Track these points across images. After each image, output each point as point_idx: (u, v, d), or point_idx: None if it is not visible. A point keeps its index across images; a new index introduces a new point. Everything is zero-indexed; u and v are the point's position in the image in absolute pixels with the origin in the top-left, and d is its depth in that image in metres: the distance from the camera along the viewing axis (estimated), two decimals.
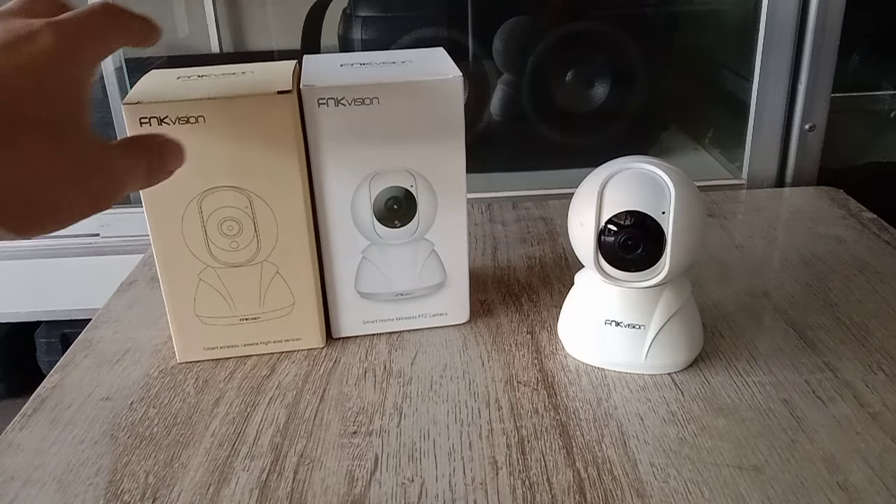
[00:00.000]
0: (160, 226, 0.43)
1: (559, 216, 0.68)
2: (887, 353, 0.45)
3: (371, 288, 0.47)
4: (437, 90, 0.43)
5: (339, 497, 0.36)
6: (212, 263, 0.44)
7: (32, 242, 0.85)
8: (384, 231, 0.46)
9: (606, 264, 0.42)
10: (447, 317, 0.49)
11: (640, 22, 0.83)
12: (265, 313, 0.46)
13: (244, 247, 0.44)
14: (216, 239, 0.43)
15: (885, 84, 0.93)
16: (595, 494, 0.35)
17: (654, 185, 0.41)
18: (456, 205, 0.46)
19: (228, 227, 0.43)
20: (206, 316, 0.45)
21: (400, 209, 0.45)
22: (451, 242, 0.47)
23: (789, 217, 0.67)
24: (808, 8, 0.70)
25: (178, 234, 0.43)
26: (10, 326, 1.07)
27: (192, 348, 0.46)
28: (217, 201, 0.42)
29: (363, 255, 0.46)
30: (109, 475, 0.38)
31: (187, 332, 0.46)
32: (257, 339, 0.47)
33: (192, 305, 0.45)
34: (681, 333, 0.43)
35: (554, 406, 0.42)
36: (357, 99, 0.42)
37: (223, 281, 0.45)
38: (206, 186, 0.42)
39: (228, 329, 0.46)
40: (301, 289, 0.46)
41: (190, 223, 0.43)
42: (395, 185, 0.44)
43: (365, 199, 0.44)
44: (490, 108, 0.84)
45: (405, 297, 0.48)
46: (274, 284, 0.45)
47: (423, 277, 0.47)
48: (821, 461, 0.37)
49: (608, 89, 0.83)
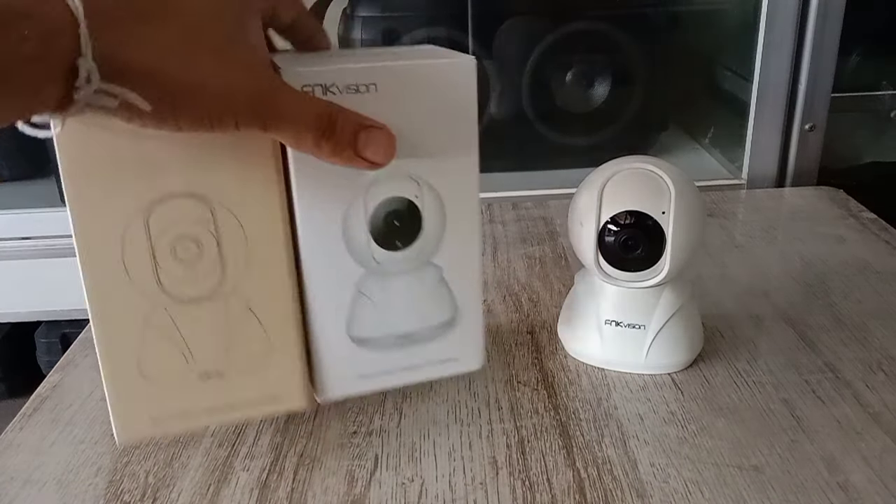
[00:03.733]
0: (93, 251, 0.32)
1: (559, 216, 0.68)
2: (887, 353, 0.45)
3: (367, 331, 0.37)
4: (446, 75, 0.35)
5: (339, 497, 0.36)
6: (161, 301, 0.34)
7: (32, 242, 0.85)
8: (383, 255, 0.36)
9: (606, 264, 0.42)
10: (458, 363, 0.39)
11: (640, 22, 0.83)
12: (232, 366, 0.35)
13: (205, 275, 0.34)
14: (168, 266, 0.33)
15: (885, 84, 0.93)
16: (595, 494, 0.35)
17: (654, 185, 0.41)
18: (467, 218, 0.37)
19: (184, 249, 0.33)
20: (155, 375, 0.34)
21: (402, 226, 0.36)
22: (462, 266, 0.38)
23: (789, 217, 0.67)
24: (808, 8, 0.70)
25: (117, 263, 0.33)
26: (10, 326, 1.07)
27: (135, 422, 0.35)
28: (170, 214, 0.33)
29: (357, 287, 0.36)
30: (109, 475, 0.38)
31: (129, 400, 0.34)
32: (222, 401, 0.36)
33: (136, 362, 0.34)
34: (681, 333, 0.43)
35: (554, 406, 0.42)
36: (351, 86, 0.33)
37: (177, 323, 0.34)
38: (155, 195, 0.32)
39: (184, 391, 0.35)
40: (279, 329, 0.36)
41: (133, 246, 0.33)
42: (396, 195, 0.36)
43: (359, 215, 0.35)
44: (490, 108, 0.84)
45: (408, 341, 0.38)
46: (243, 325, 0.35)
47: (430, 313, 0.38)
48: (821, 461, 0.37)
49: (608, 89, 0.83)
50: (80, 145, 0.31)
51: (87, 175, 0.32)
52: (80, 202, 0.32)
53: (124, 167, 0.32)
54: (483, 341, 0.40)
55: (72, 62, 0.24)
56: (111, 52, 0.25)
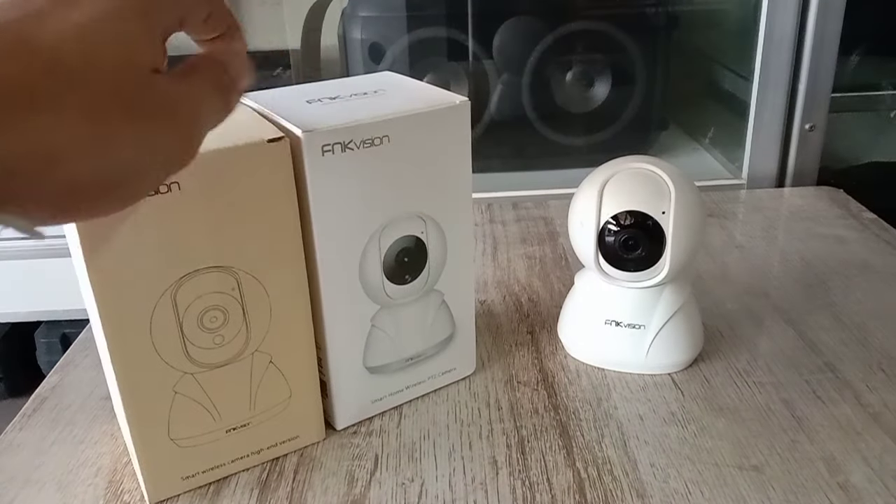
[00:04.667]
0: (122, 334, 0.32)
1: (559, 216, 0.68)
2: (887, 353, 0.45)
3: (381, 359, 0.40)
4: (447, 119, 0.38)
5: (339, 497, 0.36)
6: (190, 370, 0.34)
7: (32, 242, 0.85)
8: (395, 290, 0.39)
9: (606, 264, 0.42)
10: (455, 372, 0.44)
11: (640, 22, 0.83)
12: (257, 416, 0.37)
13: (230, 340, 0.35)
14: (196, 337, 0.34)
15: (885, 84, 0.93)
16: (595, 494, 0.35)
17: (654, 185, 0.41)
18: (464, 244, 0.41)
19: (211, 319, 0.34)
20: (185, 437, 0.35)
21: (410, 261, 0.39)
22: (459, 288, 0.42)
23: (789, 217, 0.67)
24: (808, 8, 0.70)
25: (145, 341, 0.33)
26: (10, 326, 1.07)
27: (167, 482, 0.36)
28: (196, 288, 0.33)
29: (372, 322, 0.39)
30: (109, 475, 0.38)
31: (160, 463, 0.35)
32: (247, 450, 0.38)
33: (166, 428, 0.35)
34: (681, 333, 0.43)
35: (554, 406, 0.42)
36: (366, 140, 0.35)
37: (205, 388, 0.35)
38: (182, 272, 0.33)
39: (212, 447, 0.36)
40: (299, 376, 0.38)
41: (161, 323, 0.33)
42: (406, 234, 0.38)
43: (374, 256, 0.38)
44: (490, 108, 0.84)
45: (414, 362, 0.42)
46: (267, 378, 0.37)
47: (434, 334, 0.42)
48: (821, 461, 0.37)
49: (608, 89, 0.83)
50: (101, 237, 0.31)
51: (111, 265, 0.31)
52: (105, 289, 0.32)
53: (150, 251, 0.32)
54: (475, 350, 0.44)
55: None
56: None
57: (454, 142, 0.38)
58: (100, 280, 0.31)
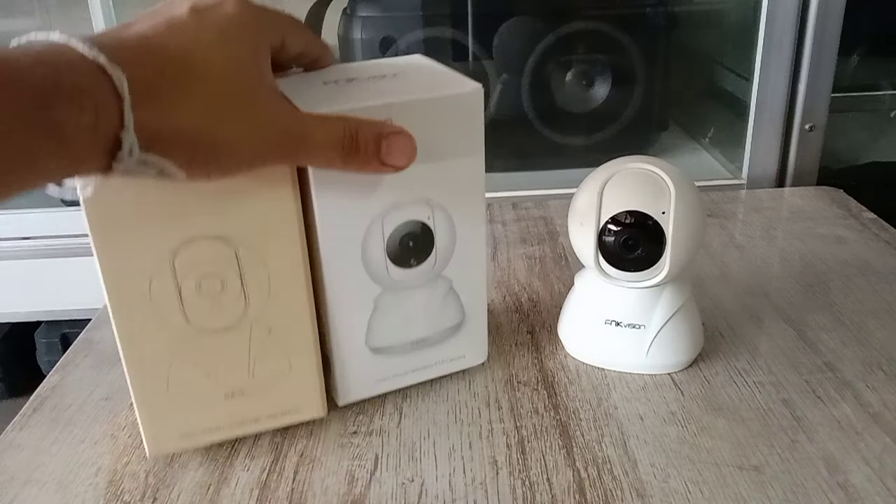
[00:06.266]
0: (123, 294, 0.34)
1: (559, 216, 0.68)
2: (887, 353, 0.45)
3: (384, 340, 0.41)
4: (456, 106, 0.37)
5: (339, 497, 0.36)
6: (188, 332, 0.36)
7: (32, 242, 0.85)
8: (399, 273, 0.39)
9: (606, 264, 0.42)
10: (465, 360, 0.44)
11: (640, 22, 0.83)
12: (255, 384, 0.38)
13: (229, 307, 0.36)
14: (194, 302, 0.35)
15: (885, 84, 0.94)
16: (595, 494, 0.35)
17: (654, 185, 0.41)
18: (475, 234, 0.41)
19: (209, 286, 0.35)
20: (183, 396, 0.37)
21: (415, 246, 0.39)
22: (469, 276, 0.41)
23: (789, 217, 0.67)
24: (807, 8, 0.70)
25: (145, 302, 0.34)
26: (10, 326, 1.07)
27: (165, 438, 0.37)
28: (195, 255, 0.35)
29: (375, 303, 0.39)
30: (109, 475, 0.38)
31: (159, 419, 0.37)
32: (246, 416, 0.38)
33: (165, 386, 0.36)
34: (681, 333, 0.43)
35: (554, 406, 0.42)
36: None
37: (203, 351, 0.36)
38: (180, 239, 0.34)
39: (210, 409, 0.38)
40: (298, 349, 0.38)
41: (161, 286, 0.34)
42: (411, 219, 0.38)
43: (377, 239, 0.38)
44: (490, 108, 0.84)
45: (420, 346, 0.42)
46: (265, 348, 0.37)
47: (441, 320, 0.42)
48: (821, 461, 0.37)
49: (608, 89, 0.83)
50: (105, 198, 0.32)
51: (113, 225, 0.33)
52: (107, 250, 0.33)
53: (150, 215, 0.33)
54: (486, 339, 0.44)
55: (115, 135, 0.26)
56: (148, 123, 0.27)
57: (464, 130, 0.38)
58: (102, 241, 0.33)
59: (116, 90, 0.26)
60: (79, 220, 0.32)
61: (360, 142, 0.33)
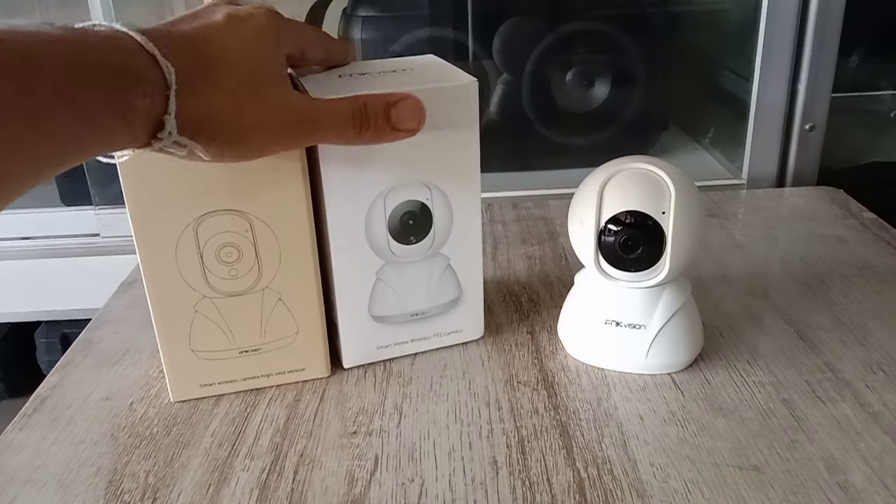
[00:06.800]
0: (152, 255, 0.40)
1: (559, 216, 0.68)
2: (887, 353, 0.45)
3: (385, 310, 0.44)
4: (452, 97, 0.41)
5: (339, 497, 0.36)
6: (209, 294, 0.41)
7: (32, 242, 0.85)
8: (399, 248, 0.43)
9: (606, 264, 0.42)
10: (462, 334, 0.47)
11: (640, 22, 0.83)
12: (266, 344, 0.43)
13: (244, 274, 0.41)
14: (214, 267, 0.40)
15: (885, 84, 0.94)
16: (595, 494, 0.35)
17: (654, 185, 0.41)
18: (471, 216, 0.44)
19: (227, 254, 0.40)
20: (203, 350, 0.42)
21: (415, 224, 0.43)
22: (466, 255, 0.45)
23: (789, 217, 0.67)
24: (807, 8, 0.70)
25: (171, 264, 0.40)
26: (10, 326, 1.07)
27: (186, 386, 0.43)
28: (215, 226, 0.40)
29: (377, 275, 0.43)
30: (109, 475, 0.38)
31: (182, 368, 0.43)
32: (258, 372, 0.44)
33: (188, 340, 0.42)
34: (681, 333, 0.43)
35: (554, 406, 0.42)
36: None
37: (221, 312, 0.42)
38: (202, 211, 0.39)
39: (226, 363, 0.43)
40: (305, 315, 0.43)
41: (185, 251, 0.40)
42: (411, 198, 0.42)
43: (380, 216, 0.42)
44: (490, 108, 0.84)
45: (420, 317, 0.45)
46: (276, 313, 0.42)
47: (439, 294, 0.45)
48: (821, 461, 0.37)
49: (608, 89, 0.83)
50: (139, 170, 0.38)
51: (146, 193, 0.39)
52: (140, 215, 0.39)
53: (177, 187, 0.39)
54: (483, 316, 0.48)
55: (158, 118, 0.30)
56: (186, 110, 0.30)
57: (460, 120, 0.41)
58: (136, 209, 0.39)
59: (165, 79, 0.30)
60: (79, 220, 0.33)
61: (370, 113, 0.36)
